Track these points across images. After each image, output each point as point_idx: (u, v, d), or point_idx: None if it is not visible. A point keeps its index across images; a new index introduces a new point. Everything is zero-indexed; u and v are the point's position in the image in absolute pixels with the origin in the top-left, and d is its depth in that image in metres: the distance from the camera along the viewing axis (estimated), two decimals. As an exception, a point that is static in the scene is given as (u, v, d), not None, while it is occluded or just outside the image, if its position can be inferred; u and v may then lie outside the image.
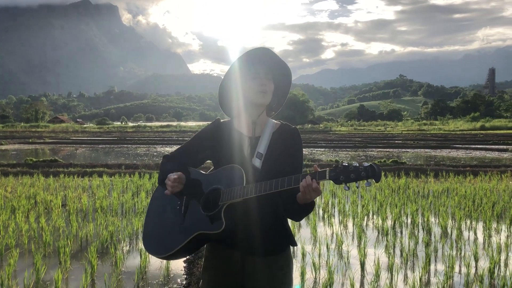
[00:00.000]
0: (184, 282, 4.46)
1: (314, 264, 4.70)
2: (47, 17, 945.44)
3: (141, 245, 5.53)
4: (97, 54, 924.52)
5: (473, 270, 4.64)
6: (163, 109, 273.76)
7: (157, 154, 23.30)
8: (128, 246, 5.74)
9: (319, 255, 5.14)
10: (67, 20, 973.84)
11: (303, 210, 2.04)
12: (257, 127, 2.21)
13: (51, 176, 12.30)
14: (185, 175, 2.18)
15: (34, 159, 16.15)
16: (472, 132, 61.33)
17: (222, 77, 2.28)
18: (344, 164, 1.81)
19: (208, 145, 2.26)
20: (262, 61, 2.16)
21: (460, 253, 5.33)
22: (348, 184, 1.81)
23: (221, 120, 2.31)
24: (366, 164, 1.77)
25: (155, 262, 4.96)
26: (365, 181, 1.78)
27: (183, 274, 4.67)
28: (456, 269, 4.47)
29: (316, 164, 2.26)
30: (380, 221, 6.86)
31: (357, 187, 1.81)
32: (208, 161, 2.36)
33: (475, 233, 6.43)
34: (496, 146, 29.06)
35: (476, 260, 4.94)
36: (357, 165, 1.78)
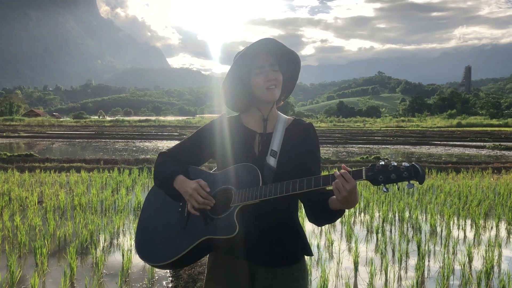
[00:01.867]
0: (170, 285, 4.23)
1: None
2: (22, 7, 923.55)
3: (123, 245, 5.27)
4: (74, 46, 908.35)
5: (467, 270, 4.53)
6: (142, 103, 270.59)
7: (136, 149, 22.87)
8: (109, 246, 5.47)
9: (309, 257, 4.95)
10: (44, 12, 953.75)
11: (334, 215, 1.82)
12: (268, 123, 2.00)
13: (27, 172, 11.85)
14: (186, 173, 1.96)
15: (8, 154, 15.61)
16: (449, 128, 62.24)
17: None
18: (381, 163, 1.63)
19: (212, 142, 2.02)
20: (265, 52, 1.94)
21: (454, 253, 5.23)
22: (387, 186, 1.63)
23: (227, 115, 2.08)
24: (406, 164, 1.60)
25: (138, 263, 4.70)
26: (407, 182, 1.61)
27: (169, 277, 4.43)
28: (451, 268, 4.35)
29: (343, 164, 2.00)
30: (368, 219, 6.74)
31: (398, 188, 1.64)
32: (206, 163, 2.14)
33: (465, 232, 6.36)
34: (474, 143, 29.45)
35: (471, 260, 4.84)
36: (396, 164, 1.61)
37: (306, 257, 1.98)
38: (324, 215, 1.83)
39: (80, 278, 4.32)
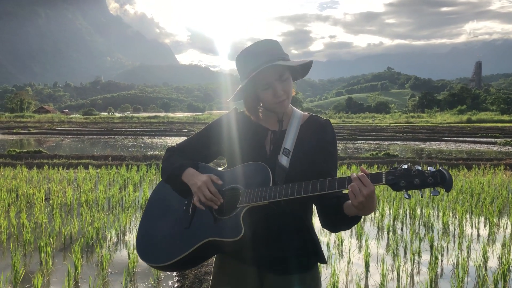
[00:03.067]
0: (176, 285, 4.14)
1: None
2: (32, 5, 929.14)
3: (129, 243, 5.19)
4: (84, 43, 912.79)
5: (483, 271, 4.39)
6: (151, 100, 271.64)
7: (145, 145, 22.86)
8: (115, 244, 5.40)
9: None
10: (53, 9, 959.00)
11: (349, 222, 1.69)
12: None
13: (35, 168, 11.84)
14: (202, 172, 1.85)
15: (18, 150, 15.64)
16: (459, 124, 61.60)
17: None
18: (404, 166, 1.49)
19: (221, 138, 1.91)
20: (268, 61, 1.74)
21: (468, 253, 5.08)
22: (409, 192, 1.48)
23: (239, 110, 1.96)
24: (432, 168, 1.45)
25: (144, 263, 4.61)
26: (432, 189, 1.46)
27: (175, 276, 4.34)
28: (466, 269, 4.21)
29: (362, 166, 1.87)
30: (379, 217, 6.60)
31: (421, 196, 1.50)
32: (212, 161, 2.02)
33: (479, 231, 6.20)
34: (485, 139, 29.09)
35: (486, 260, 4.69)
36: (421, 169, 1.47)
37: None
38: (339, 221, 1.70)
39: (84, 277, 4.24)
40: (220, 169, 1.96)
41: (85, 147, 22.41)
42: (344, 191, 1.64)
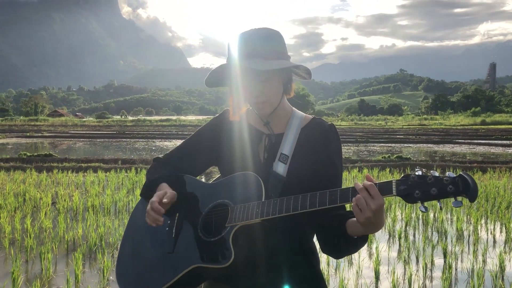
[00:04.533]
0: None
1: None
2: (46, 10, 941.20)
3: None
4: (97, 47, 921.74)
5: (500, 282, 4.19)
6: (163, 103, 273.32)
7: (156, 148, 22.84)
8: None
9: (328, 263, 4.66)
10: (67, 14, 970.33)
11: (354, 244, 1.44)
12: (275, 123, 1.63)
13: (44, 172, 11.83)
14: (179, 186, 1.63)
15: (28, 154, 15.70)
16: (474, 127, 60.78)
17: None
18: (418, 173, 1.26)
19: (213, 144, 1.69)
20: (248, 54, 1.52)
21: (484, 261, 4.86)
22: (425, 204, 1.25)
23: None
24: (452, 174, 1.22)
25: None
26: (453, 199, 1.23)
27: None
28: (482, 279, 4.01)
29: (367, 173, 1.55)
30: (390, 222, 6.41)
31: (441, 209, 1.24)
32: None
33: (494, 237, 5.97)
34: (500, 142, 28.58)
35: (503, 269, 4.48)
36: (438, 175, 1.24)
37: (322, 264, 1.66)
38: (342, 244, 1.45)
39: (84, 285, 4.12)
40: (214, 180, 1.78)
41: (96, 150, 22.47)
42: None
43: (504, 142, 28.11)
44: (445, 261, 4.52)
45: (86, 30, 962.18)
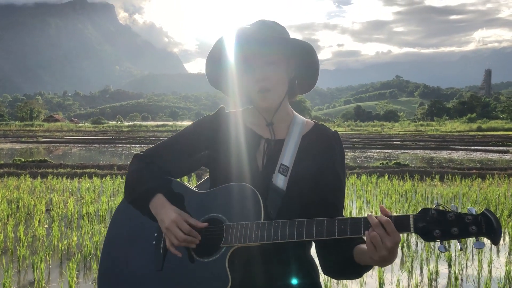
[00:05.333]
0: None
1: (325, 283, 4.12)
2: (43, 15, 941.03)
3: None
4: (93, 52, 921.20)
5: (507, 293, 4.07)
6: (159, 108, 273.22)
7: (152, 154, 22.68)
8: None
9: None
10: (63, 19, 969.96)
11: (360, 270, 1.33)
12: (277, 126, 1.49)
13: (39, 178, 11.67)
14: (173, 195, 1.47)
15: (23, 159, 15.51)
16: (470, 133, 60.94)
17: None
18: (437, 206, 1.16)
19: (205, 144, 1.53)
20: (255, 41, 1.39)
21: (490, 271, 4.75)
22: (445, 243, 1.16)
23: (226, 111, 1.58)
24: (473, 210, 1.13)
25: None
26: (474, 239, 1.14)
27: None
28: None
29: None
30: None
31: (461, 249, 1.15)
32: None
33: (498, 246, 5.86)
34: (496, 148, 28.60)
35: (510, 280, 4.37)
36: (459, 211, 1.14)
37: (322, 276, 1.53)
38: (347, 269, 1.35)
39: (79, 297, 3.98)
40: (201, 181, 1.62)
41: (92, 155, 22.29)
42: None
43: (501, 148, 28.13)
44: (449, 271, 4.40)
45: (82, 35, 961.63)
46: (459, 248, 1.15)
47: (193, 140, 1.54)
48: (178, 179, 1.56)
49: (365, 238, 1.22)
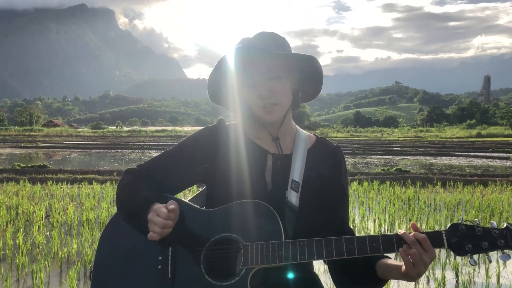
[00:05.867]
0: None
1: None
2: (43, 20, 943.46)
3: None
4: (93, 58, 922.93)
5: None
6: (159, 113, 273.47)
7: (152, 159, 22.60)
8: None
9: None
10: (63, 24, 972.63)
11: (379, 284, 1.32)
12: (283, 141, 1.45)
13: (38, 183, 11.58)
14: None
15: (22, 165, 15.42)
16: (469, 139, 60.96)
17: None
18: (465, 221, 1.19)
19: (204, 159, 1.44)
20: (258, 54, 1.34)
21: (498, 282, 4.66)
22: (475, 257, 1.20)
23: (227, 123, 1.51)
24: (494, 224, 1.19)
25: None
26: (500, 252, 1.18)
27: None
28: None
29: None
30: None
31: (490, 262, 1.18)
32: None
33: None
34: (497, 154, 28.57)
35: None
36: (486, 227, 1.19)
37: None
38: (368, 284, 1.32)
39: (79, 308, 3.89)
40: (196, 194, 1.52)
41: (91, 161, 22.21)
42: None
43: (501, 154, 28.09)
44: (457, 280, 4.32)
45: (82, 40, 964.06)
46: (489, 261, 1.18)
47: (191, 155, 1.46)
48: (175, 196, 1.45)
49: (401, 255, 1.20)
